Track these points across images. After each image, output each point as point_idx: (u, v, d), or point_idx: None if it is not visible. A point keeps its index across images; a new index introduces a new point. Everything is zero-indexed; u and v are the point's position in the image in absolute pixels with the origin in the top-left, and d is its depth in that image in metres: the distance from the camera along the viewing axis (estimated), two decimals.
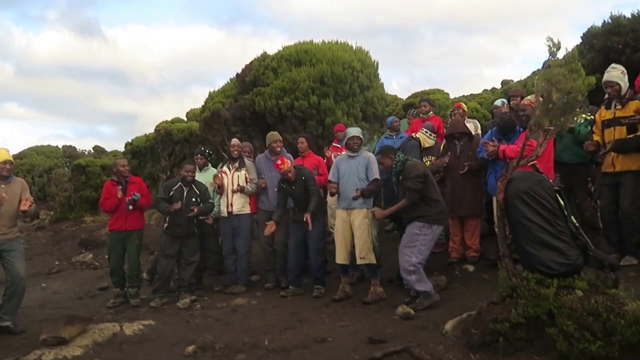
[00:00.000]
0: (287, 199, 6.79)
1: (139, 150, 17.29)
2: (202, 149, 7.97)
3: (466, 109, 8.68)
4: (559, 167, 5.95)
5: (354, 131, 6.43)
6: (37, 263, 11.42)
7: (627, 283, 4.47)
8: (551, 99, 3.82)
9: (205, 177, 7.47)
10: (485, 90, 19.09)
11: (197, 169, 7.50)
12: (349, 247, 6.26)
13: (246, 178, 7.24)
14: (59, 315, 6.00)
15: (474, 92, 19.15)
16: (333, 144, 8.28)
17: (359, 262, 6.14)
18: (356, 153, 6.32)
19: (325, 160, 7.84)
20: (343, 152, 6.70)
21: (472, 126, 7.61)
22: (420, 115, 8.70)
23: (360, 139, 6.36)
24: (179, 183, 7.11)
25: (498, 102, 7.90)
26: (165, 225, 7.10)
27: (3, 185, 6.02)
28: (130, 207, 7.08)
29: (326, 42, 10.70)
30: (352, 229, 6.21)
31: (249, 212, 7.28)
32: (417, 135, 7.16)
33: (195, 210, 6.87)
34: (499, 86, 18.64)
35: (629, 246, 5.43)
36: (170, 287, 7.22)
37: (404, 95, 18.63)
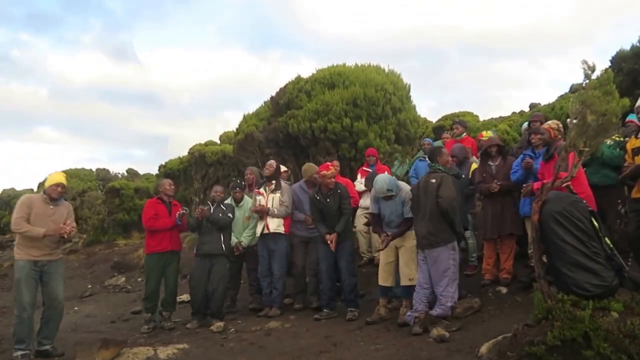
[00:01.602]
0: (321, 215, 6.74)
1: (172, 173, 17.48)
2: (238, 181, 7.87)
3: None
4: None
5: (382, 190, 6.06)
6: (70, 286, 11.52)
7: None
8: (586, 120, 3.82)
9: (241, 211, 7.51)
10: (514, 113, 18.94)
11: (235, 203, 7.55)
12: (393, 270, 6.23)
13: (280, 200, 7.24)
14: (92, 339, 6.02)
15: (503, 115, 19.02)
16: (363, 167, 8.22)
17: (407, 283, 6.06)
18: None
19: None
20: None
21: None
22: (454, 137, 8.62)
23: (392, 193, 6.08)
24: (208, 204, 7.27)
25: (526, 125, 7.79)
26: (196, 246, 7.21)
27: (52, 207, 6.04)
28: (179, 222, 7.16)
29: (359, 65, 10.81)
30: (397, 251, 6.16)
31: (284, 232, 7.26)
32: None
33: (204, 210, 7.06)
34: (527, 109, 18.46)
35: None
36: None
37: (433, 117, 18.60)
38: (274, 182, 7.35)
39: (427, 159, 7.41)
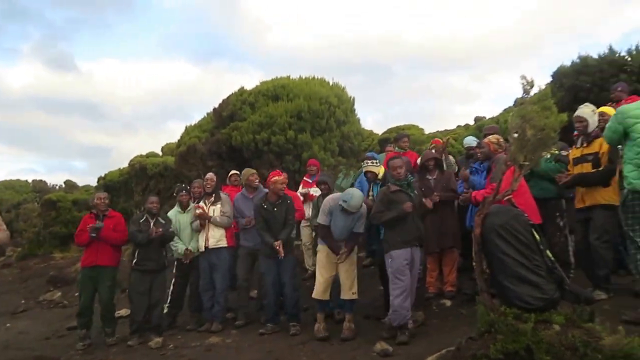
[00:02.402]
0: (266, 224, 6.60)
1: (112, 185, 16.93)
2: (184, 185, 7.87)
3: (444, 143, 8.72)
4: None
5: (357, 207, 5.94)
6: (2, 302, 11.03)
7: (602, 316, 4.50)
8: (525, 135, 3.89)
9: (188, 216, 7.38)
10: (458, 126, 19.41)
11: (180, 208, 7.45)
12: (330, 283, 6.16)
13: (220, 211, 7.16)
14: (24, 357, 5.76)
15: (448, 128, 19.48)
16: (305, 178, 8.23)
17: (349, 297, 6.03)
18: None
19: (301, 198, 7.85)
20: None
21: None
22: (397, 149, 8.76)
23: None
24: (145, 216, 7.04)
25: (470, 141, 7.94)
26: (135, 260, 6.95)
27: None
28: (93, 235, 6.85)
29: (303, 77, 10.87)
30: (337, 264, 6.10)
31: (226, 245, 7.15)
32: (366, 170, 6.97)
33: (160, 230, 6.80)
34: (472, 122, 18.99)
35: (599, 280, 5.51)
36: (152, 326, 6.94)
37: (379, 130, 18.84)
38: (213, 194, 7.27)
39: None
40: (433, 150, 7.51)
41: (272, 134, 9.52)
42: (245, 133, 9.71)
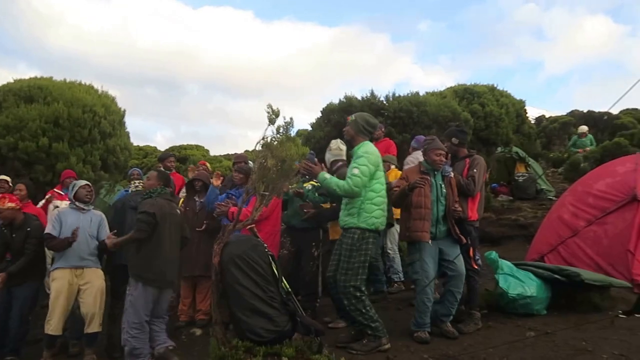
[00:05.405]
0: (6, 249, 5.80)
1: None
2: None
3: (209, 168, 8.64)
4: (289, 231, 6.25)
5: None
6: None
7: (335, 348, 4.67)
8: (266, 165, 3.89)
9: None
10: (246, 151, 19.73)
11: None
12: (68, 315, 5.46)
13: None
14: None
15: (238, 151, 19.70)
16: (55, 189, 7.34)
17: (92, 330, 5.43)
18: (88, 207, 5.72)
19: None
20: (65, 203, 5.94)
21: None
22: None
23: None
24: None
25: None
26: None
27: None
28: None
29: (67, 81, 9.83)
30: (79, 291, 5.46)
31: None
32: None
33: None
34: (260, 148, 19.46)
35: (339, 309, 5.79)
36: None
37: (165, 146, 18.24)
38: None
39: (129, 190, 7.00)
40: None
41: (21, 139, 8.33)
42: None
